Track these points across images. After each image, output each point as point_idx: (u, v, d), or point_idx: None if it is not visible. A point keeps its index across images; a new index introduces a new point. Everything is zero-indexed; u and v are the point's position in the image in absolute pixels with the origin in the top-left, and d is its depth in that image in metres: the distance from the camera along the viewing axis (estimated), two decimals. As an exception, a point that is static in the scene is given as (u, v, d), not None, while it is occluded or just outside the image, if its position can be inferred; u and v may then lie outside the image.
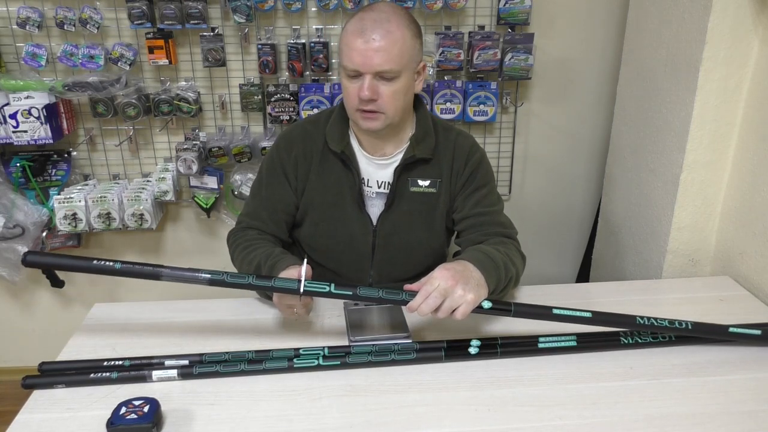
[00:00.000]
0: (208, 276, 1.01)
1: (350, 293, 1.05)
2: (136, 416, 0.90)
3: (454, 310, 1.03)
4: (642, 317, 1.10)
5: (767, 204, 1.38)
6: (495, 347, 1.11)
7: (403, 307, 1.11)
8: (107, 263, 1.01)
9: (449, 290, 1.03)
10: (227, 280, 1.03)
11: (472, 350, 1.09)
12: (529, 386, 1.03)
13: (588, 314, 1.09)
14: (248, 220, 1.37)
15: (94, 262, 1.01)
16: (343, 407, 0.98)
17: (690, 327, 1.12)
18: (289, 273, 1.12)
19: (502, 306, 1.07)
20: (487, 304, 1.06)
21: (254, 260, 1.24)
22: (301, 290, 1.03)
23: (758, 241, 1.41)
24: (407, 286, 1.07)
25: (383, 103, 1.21)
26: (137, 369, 1.04)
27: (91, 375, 1.02)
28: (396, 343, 1.10)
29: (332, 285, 1.04)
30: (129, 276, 1.03)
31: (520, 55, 1.88)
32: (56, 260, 1.02)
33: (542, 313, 1.09)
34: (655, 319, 1.11)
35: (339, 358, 1.08)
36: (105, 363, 1.05)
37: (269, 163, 1.38)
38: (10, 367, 2.28)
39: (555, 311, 1.08)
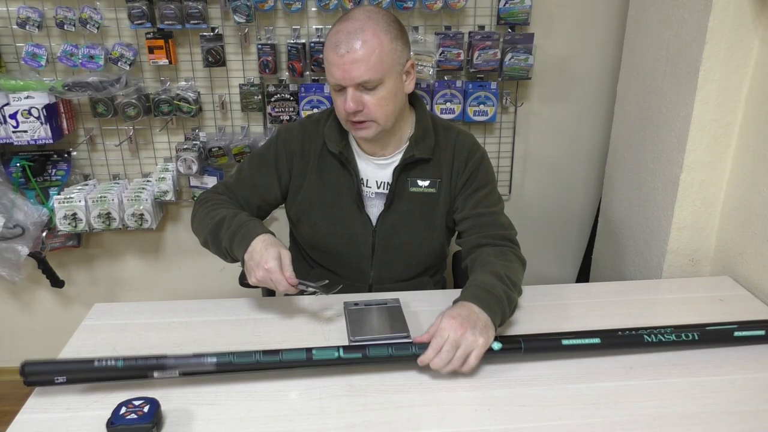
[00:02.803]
0: (215, 360, 0.99)
1: (359, 356, 1.03)
2: (136, 416, 0.90)
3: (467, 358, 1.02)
4: (649, 334, 1.10)
5: (767, 204, 1.38)
6: (518, 345, 1.09)
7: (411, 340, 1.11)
8: (109, 362, 0.97)
9: (459, 340, 1.02)
10: (234, 361, 1.00)
11: (495, 345, 1.07)
12: (529, 386, 1.03)
13: (597, 340, 1.09)
14: (223, 188, 1.39)
15: (95, 363, 0.97)
16: (343, 407, 0.98)
17: (697, 338, 1.12)
18: (272, 248, 1.13)
19: (511, 345, 1.07)
20: (496, 346, 1.06)
21: (219, 214, 1.25)
22: (312, 358, 1.03)
23: (758, 241, 1.41)
24: (417, 339, 1.06)
25: (370, 112, 1.21)
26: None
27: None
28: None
29: (341, 350, 1.03)
30: (133, 371, 0.98)
31: (520, 55, 1.88)
32: (56, 367, 0.98)
33: (552, 346, 1.09)
34: (662, 334, 1.11)
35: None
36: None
37: (265, 149, 1.39)
38: (10, 367, 2.28)
39: (564, 342, 1.08)
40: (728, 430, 0.94)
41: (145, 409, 0.91)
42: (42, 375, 0.99)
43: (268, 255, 1.12)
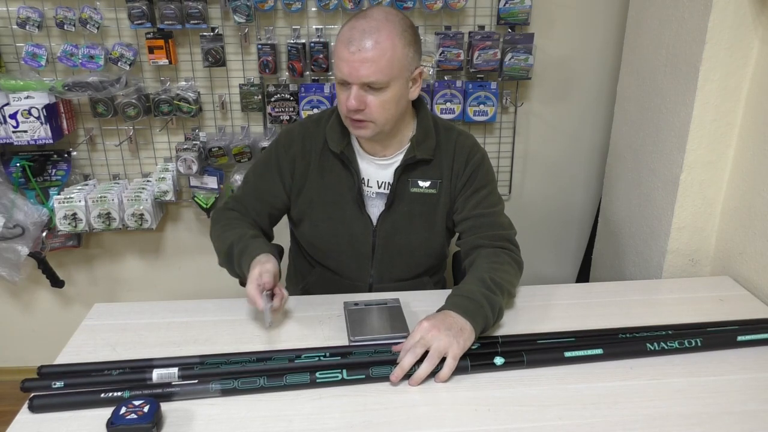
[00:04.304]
0: (219, 386, 0.99)
1: (363, 376, 1.03)
2: (136, 416, 0.90)
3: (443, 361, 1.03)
4: (652, 343, 1.10)
5: (767, 204, 1.38)
6: (521, 359, 1.08)
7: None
8: (116, 394, 0.96)
9: (431, 340, 1.03)
10: (239, 388, 1.00)
11: (498, 361, 1.07)
12: (529, 386, 1.03)
13: (599, 351, 1.09)
14: (234, 203, 1.41)
15: (102, 395, 0.97)
16: (343, 407, 0.98)
17: (700, 344, 1.12)
18: (255, 269, 1.14)
19: (514, 359, 1.07)
20: (499, 361, 1.06)
21: (228, 239, 1.28)
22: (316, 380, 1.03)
23: (758, 241, 1.41)
24: (395, 347, 1.08)
25: (371, 112, 1.20)
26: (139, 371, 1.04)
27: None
28: (396, 342, 1.10)
29: (344, 371, 1.03)
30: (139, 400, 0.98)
31: (520, 55, 1.88)
32: (64, 399, 0.97)
33: (554, 358, 1.09)
34: (665, 342, 1.11)
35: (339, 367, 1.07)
36: (105, 371, 1.05)
37: (267, 155, 1.40)
38: (10, 367, 2.29)
39: (567, 354, 1.08)
40: (728, 430, 0.94)
41: (145, 409, 0.91)
42: (47, 408, 0.97)
43: (250, 278, 1.14)
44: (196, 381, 1.00)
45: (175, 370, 1.03)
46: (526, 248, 1.36)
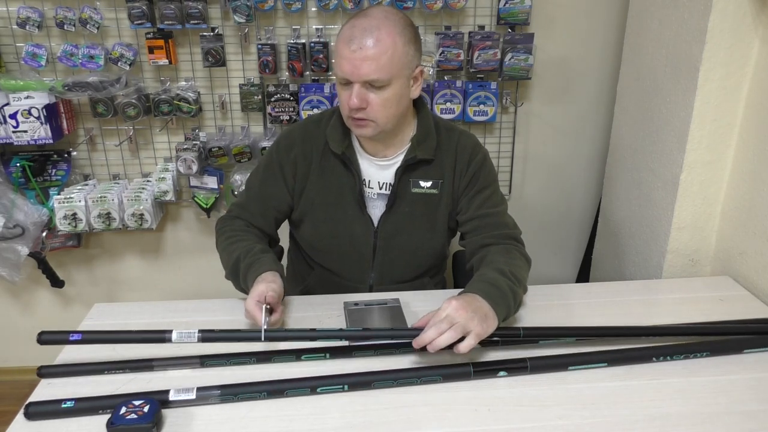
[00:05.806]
0: (218, 391, 0.98)
1: (365, 384, 1.02)
2: (136, 416, 0.90)
3: (463, 339, 1.02)
4: (658, 356, 1.09)
5: (767, 204, 1.38)
6: (524, 364, 1.07)
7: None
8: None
9: (456, 317, 1.02)
10: (239, 399, 0.99)
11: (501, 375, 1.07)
12: (529, 386, 1.03)
13: (604, 364, 1.08)
14: (238, 210, 1.39)
15: (99, 411, 0.95)
16: (343, 407, 0.98)
17: (704, 356, 1.11)
18: (260, 285, 1.14)
19: (517, 365, 1.06)
20: (502, 374, 1.05)
21: (234, 252, 1.27)
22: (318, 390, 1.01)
23: (758, 241, 1.41)
24: (415, 324, 1.08)
25: (373, 111, 1.20)
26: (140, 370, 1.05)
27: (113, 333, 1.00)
28: (395, 343, 1.10)
29: (346, 386, 1.01)
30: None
31: (520, 55, 1.88)
32: (59, 407, 0.95)
33: (558, 364, 1.08)
34: (671, 355, 1.10)
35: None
36: (105, 372, 1.05)
37: (268, 159, 1.39)
38: (10, 367, 2.28)
39: (570, 368, 1.07)
40: (728, 430, 0.94)
41: (145, 409, 0.91)
42: (42, 416, 0.96)
43: (252, 293, 1.14)
44: (194, 397, 0.97)
45: (194, 331, 1.03)
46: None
